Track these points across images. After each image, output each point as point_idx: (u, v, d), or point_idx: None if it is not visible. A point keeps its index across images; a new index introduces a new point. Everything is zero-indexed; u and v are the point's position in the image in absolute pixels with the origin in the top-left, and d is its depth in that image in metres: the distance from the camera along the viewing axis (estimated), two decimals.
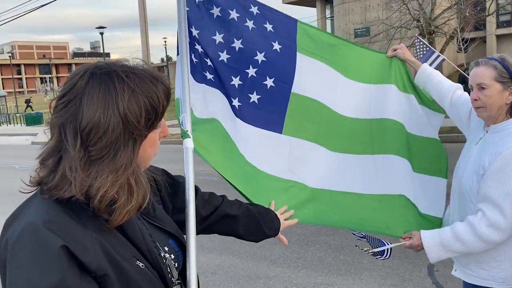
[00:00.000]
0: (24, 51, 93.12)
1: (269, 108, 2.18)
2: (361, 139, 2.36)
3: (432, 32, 17.35)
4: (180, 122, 1.63)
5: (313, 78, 2.24)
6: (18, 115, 33.44)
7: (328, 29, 30.49)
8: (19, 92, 73.99)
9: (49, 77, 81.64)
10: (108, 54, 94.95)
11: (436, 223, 2.35)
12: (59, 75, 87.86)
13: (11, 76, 64.73)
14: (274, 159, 2.18)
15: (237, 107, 2.12)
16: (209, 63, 2.09)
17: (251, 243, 5.43)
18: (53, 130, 1.01)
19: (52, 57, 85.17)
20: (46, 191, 0.98)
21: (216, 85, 2.11)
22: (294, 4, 31.70)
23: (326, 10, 30.26)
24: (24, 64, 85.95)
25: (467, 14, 17.30)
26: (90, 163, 0.98)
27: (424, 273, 4.25)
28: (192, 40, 2.04)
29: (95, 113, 0.97)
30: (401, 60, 2.42)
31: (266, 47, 2.14)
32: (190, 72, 1.95)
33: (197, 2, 2.04)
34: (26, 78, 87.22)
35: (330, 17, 29.28)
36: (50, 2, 18.41)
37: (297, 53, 2.21)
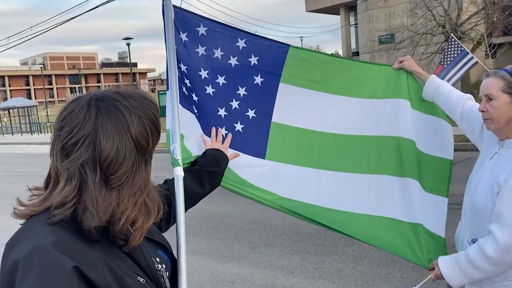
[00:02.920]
0: (55, 62, 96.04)
1: (252, 136, 2.32)
2: (355, 156, 2.37)
3: (458, 38, 17.06)
4: (171, 151, 1.72)
5: (294, 106, 2.33)
6: (49, 124, 34.41)
7: (353, 36, 30.35)
8: (50, 101, 76.34)
9: (79, 87, 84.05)
10: (135, 64, 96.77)
11: (441, 243, 2.33)
12: (88, 84, 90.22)
13: (42, 86, 66.84)
14: (259, 180, 2.28)
15: (224, 136, 2.25)
16: (194, 97, 2.23)
17: (270, 253, 5.44)
18: (71, 171, 1.01)
19: (82, 67, 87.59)
20: (64, 222, 1.00)
21: (199, 120, 2.24)
22: (318, 12, 31.70)
23: (350, 18, 30.12)
24: (55, 75, 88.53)
25: (495, 19, 16.94)
26: (110, 191, 1.02)
27: (444, 285, 4.15)
28: (182, 75, 2.18)
29: (113, 144, 1.01)
30: (407, 72, 2.37)
31: (247, 82, 2.28)
32: (184, 103, 2.13)
33: (183, 40, 2.16)
34: (56, 88, 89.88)
35: (354, 24, 29.14)
36: (80, 15, 18.99)
37: (280, 83, 2.30)
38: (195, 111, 2.23)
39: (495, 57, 16.53)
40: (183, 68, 2.19)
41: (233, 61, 2.23)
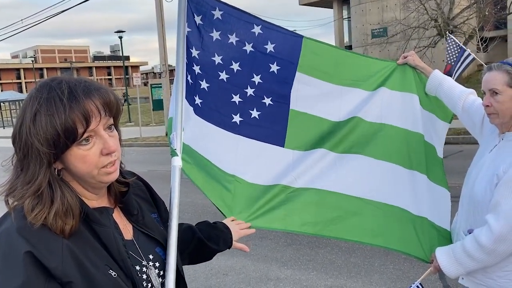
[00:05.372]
0: (46, 55, 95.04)
1: (270, 124, 2.25)
2: (368, 142, 2.35)
3: (450, 32, 17.14)
4: (170, 140, 1.67)
5: (310, 97, 2.28)
6: None
7: (345, 30, 30.36)
8: None
9: None
10: (127, 57, 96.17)
11: (446, 236, 2.34)
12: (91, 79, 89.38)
13: (33, 80, 66.18)
14: (276, 170, 2.23)
15: (238, 123, 2.19)
16: (203, 85, 2.14)
17: (264, 245, 5.48)
18: None
19: (73, 60, 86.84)
20: None
21: (202, 112, 2.16)
22: (311, 6, 31.63)
23: (343, 11, 30.09)
24: (47, 68, 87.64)
25: (487, 13, 17.02)
26: (17, 175, 1.08)
27: (435, 277, 4.21)
28: (191, 61, 2.10)
29: (15, 126, 1.08)
30: (412, 67, 2.40)
31: (263, 69, 2.20)
32: (186, 93, 2.01)
33: (197, 24, 2.09)
34: None
35: (347, 18, 29.13)
36: (71, 8, 18.82)
37: (297, 72, 2.24)
38: (199, 101, 2.14)
39: (487, 51, 16.62)
40: (194, 53, 2.10)
41: (248, 47, 2.16)
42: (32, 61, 66.93)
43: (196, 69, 2.12)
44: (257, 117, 2.22)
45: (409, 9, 17.52)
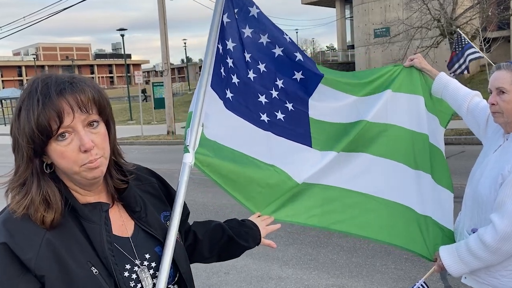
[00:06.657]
0: (48, 52, 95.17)
1: (295, 127, 2.26)
2: (376, 141, 2.38)
3: (453, 32, 17.12)
4: (185, 136, 1.64)
5: (330, 106, 2.31)
6: None
7: (348, 29, 30.38)
8: None
9: None
10: (129, 55, 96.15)
11: (449, 236, 2.35)
12: (81, 76, 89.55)
13: None
14: (307, 168, 2.23)
15: (266, 122, 2.20)
16: (234, 79, 2.11)
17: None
18: None
19: (75, 58, 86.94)
20: None
21: (233, 106, 2.12)
22: (314, 5, 31.63)
23: (346, 10, 30.10)
24: (48, 66, 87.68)
25: (490, 14, 17.01)
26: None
27: (437, 277, 4.21)
28: (226, 53, 2.06)
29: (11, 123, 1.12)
30: (418, 69, 2.43)
31: (287, 75, 2.21)
32: (216, 86, 1.97)
33: (235, 16, 2.07)
34: None
35: (350, 17, 29.14)
36: (73, 5, 18.83)
37: (320, 84, 2.27)
38: (230, 95, 2.10)
39: (490, 51, 16.61)
40: (230, 45, 2.06)
41: (278, 51, 2.16)
42: (34, 58, 67.18)
43: (230, 62, 2.08)
44: (282, 119, 2.23)
45: (412, 9, 17.51)
